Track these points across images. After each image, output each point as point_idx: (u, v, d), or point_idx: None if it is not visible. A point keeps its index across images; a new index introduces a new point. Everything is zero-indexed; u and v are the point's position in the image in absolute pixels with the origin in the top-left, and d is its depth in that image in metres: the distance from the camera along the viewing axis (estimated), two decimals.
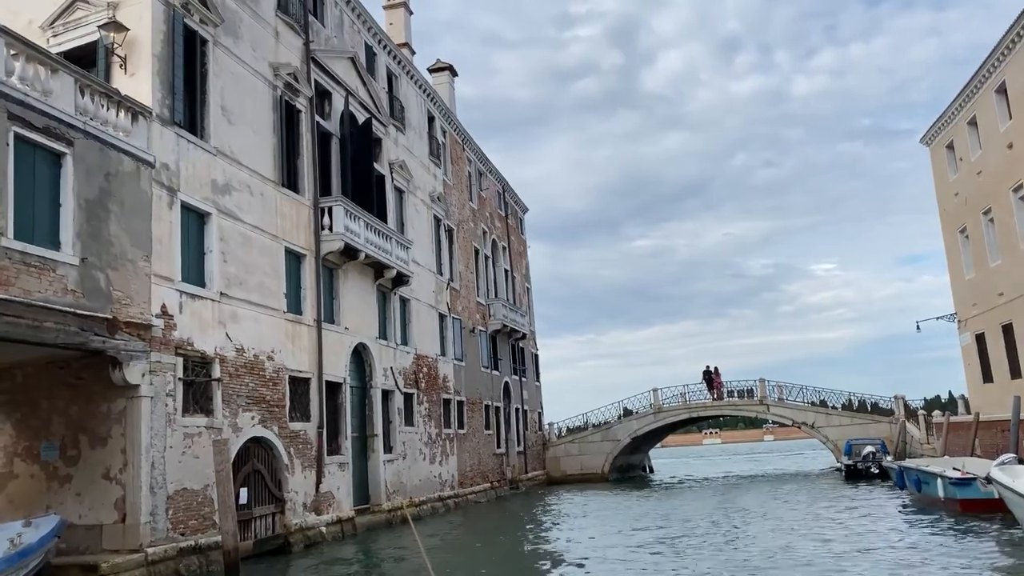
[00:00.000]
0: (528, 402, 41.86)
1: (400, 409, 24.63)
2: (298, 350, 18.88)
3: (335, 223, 20.47)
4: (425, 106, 30.55)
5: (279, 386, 17.91)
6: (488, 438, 33.93)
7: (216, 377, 15.64)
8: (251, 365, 16.93)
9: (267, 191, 18.39)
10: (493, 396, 35.29)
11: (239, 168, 17.36)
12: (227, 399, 15.93)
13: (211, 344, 15.62)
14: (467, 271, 33.59)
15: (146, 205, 14.13)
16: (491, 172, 39.88)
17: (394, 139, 26.76)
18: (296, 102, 20.22)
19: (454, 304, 31.07)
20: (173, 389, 14.33)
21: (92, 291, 12.55)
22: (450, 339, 30.07)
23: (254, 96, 18.35)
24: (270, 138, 18.85)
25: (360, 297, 22.59)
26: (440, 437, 27.90)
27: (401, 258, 24.28)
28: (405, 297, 26.00)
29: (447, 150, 32.91)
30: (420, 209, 28.48)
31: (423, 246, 28.27)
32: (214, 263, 16.07)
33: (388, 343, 24.25)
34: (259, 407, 17.02)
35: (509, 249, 41.58)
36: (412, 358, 26.10)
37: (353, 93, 23.52)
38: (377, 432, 22.87)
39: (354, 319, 21.98)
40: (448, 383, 29.40)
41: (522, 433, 39.81)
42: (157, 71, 15.00)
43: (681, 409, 42.50)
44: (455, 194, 33.14)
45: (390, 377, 24.11)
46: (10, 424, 14.46)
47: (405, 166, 27.00)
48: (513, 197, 44.33)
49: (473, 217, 35.55)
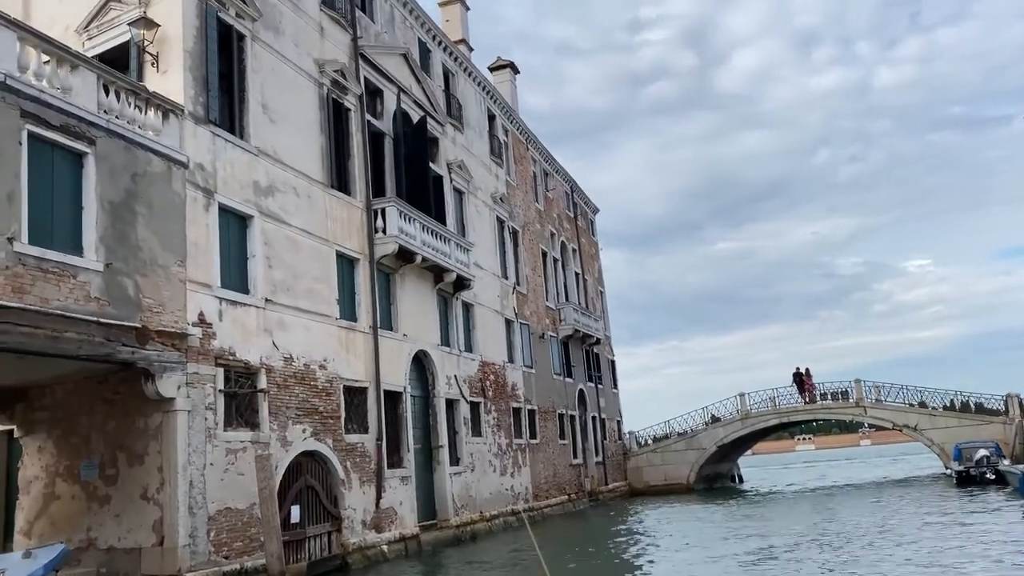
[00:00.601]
0: (606, 410, 40.18)
1: (466, 419, 23.46)
2: (353, 358, 17.90)
3: (389, 225, 19.49)
4: (485, 104, 29.48)
5: (333, 396, 16.95)
6: (563, 448, 32.45)
7: (262, 388, 14.74)
8: (301, 375, 16.01)
9: (315, 193, 17.52)
10: (567, 404, 33.81)
11: (283, 169, 16.53)
12: (275, 411, 15.01)
13: (256, 353, 14.74)
14: (534, 274, 32.29)
15: (179, 207, 13.34)
16: (557, 172, 38.54)
17: (452, 138, 25.73)
18: (344, 100, 19.35)
19: (521, 309, 29.80)
20: (213, 402, 13.46)
21: (119, 298, 11.76)
22: (518, 345, 28.79)
23: (298, 94, 17.53)
24: (317, 138, 18.00)
25: (419, 302, 21.55)
26: (511, 448, 26.60)
27: (461, 261, 23.16)
28: (468, 302, 24.86)
29: (509, 149, 31.75)
30: (481, 211, 27.36)
31: (486, 249, 27.12)
32: (258, 268, 15.22)
33: (451, 350, 23.12)
34: (311, 419, 16.07)
35: (579, 251, 40.11)
36: (477, 365, 24.92)
37: (406, 91, 22.59)
38: (442, 443, 21.74)
39: (413, 325, 20.93)
40: (517, 391, 28.10)
41: (600, 443, 38.17)
42: (189, 67, 14.26)
43: (770, 414, 40.08)
44: (519, 195, 31.92)
45: (454, 385, 22.97)
46: (51, 442, 13.87)
47: (464, 166, 25.94)
48: (582, 197, 42.85)
49: (539, 218, 34.26)
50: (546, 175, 36.87)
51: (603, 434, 39.02)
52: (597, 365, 40.01)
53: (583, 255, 40.92)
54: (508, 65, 34.65)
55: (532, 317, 30.98)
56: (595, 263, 44.27)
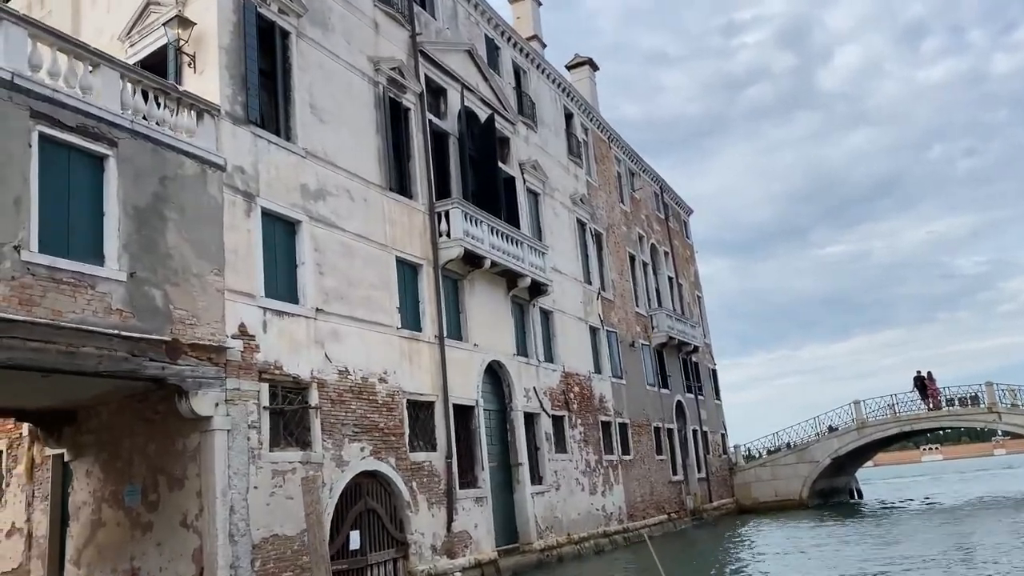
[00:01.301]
0: (708, 423, 37.76)
1: (548, 434, 21.93)
2: (417, 370, 16.73)
3: (453, 228, 18.29)
4: (560, 102, 28.07)
5: (395, 412, 15.79)
6: (661, 464, 30.40)
7: (313, 404, 13.70)
8: (358, 389, 14.92)
9: (371, 196, 16.51)
10: (663, 417, 31.74)
11: (335, 171, 15.58)
12: (328, 429, 13.94)
13: (306, 367, 13.73)
14: (622, 279, 30.51)
15: (215, 212, 12.49)
16: (644, 171, 36.66)
17: (524, 138, 24.43)
18: (403, 99, 18.34)
19: (607, 316, 28.08)
20: (257, 420, 12.47)
21: (145, 310, 10.91)
22: (605, 354, 27.06)
23: (350, 93, 16.61)
24: (372, 138, 17.02)
25: (491, 310, 20.24)
26: (600, 465, 24.87)
27: (536, 265, 21.74)
28: (546, 309, 23.39)
29: (590, 149, 30.19)
30: (559, 212, 25.89)
31: (565, 253, 25.61)
32: (307, 276, 14.25)
33: (528, 360, 21.68)
34: (370, 436, 14.95)
35: (672, 254, 38.00)
36: (559, 376, 23.37)
37: (472, 89, 21.45)
38: (522, 461, 20.27)
39: (485, 335, 19.63)
40: (606, 403, 26.36)
41: (703, 457, 35.80)
42: (225, 64, 13.46)
43: (890, 423, 36.68)
44: (602, 196, 30.28)
45: (533, 398, 21.50)
46: (98, 466, 13.23)
47: (538, 166, 24.57)
48: (674, 198, 40.74)
49: (626, 220, 32.48)
50: (632, 175, 35.08)
51: (706, 448, 36.64)
52: (696, 375, 37.70)
53: (676, 258, 38.78)
54: (586, 62, 33.16)
55: (620, 324, 29.20)
56: (691, 267, 41.99)
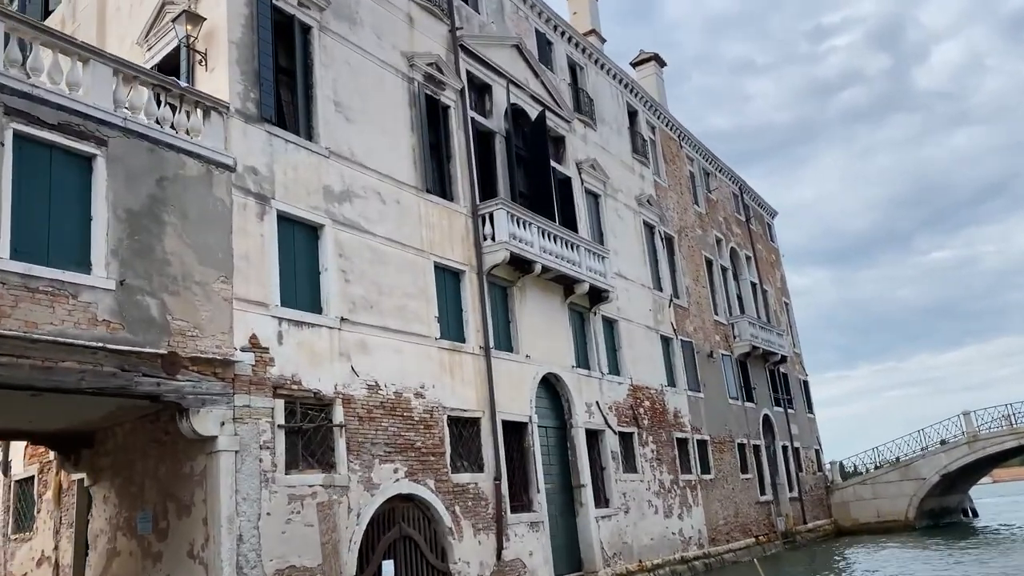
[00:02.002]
0: (799, 438, 35.13)
1: (615, 452, 20.27)
2: (459, 384, 15.47)
3: (497, 231, 17.01)
4: (623, 99, 26.53)
5: (434, 429, 14.55)
6: (746, 483, 28.14)
7: (337, 422, 12.59)
8: (391, 405, 13.75)
9: (405, 198, 15.43)
10: (748, 433, 29.48)
11: (363, 172, 14.57)
12: (355, 449, 12.80)
13: (329, 381, 12.65)
14: (697, 285, 28.57)
15: (223, 215, 11.59)
16: (721, 171, 34.60)
17: (582, 136, 23.01)
18: (441, 96, 17.26)
19: (681, 324, 26.20)
20: (271, 440, 11.43)
21: (137, 321, 10.03)
22: (679, 366, 25.19)
23: (381, 90, 15.62)
24: (406, 137, 15.97)
25: (545, 319, 18.83)
26: (676, 485, 22.98)
27: (595, 270, 20.21)
28: (610, 317, 21.79)
29: (657, 147, 28.49)
30: (623, 214, 24.30)
31: (631, 257, 23.98)
32: (331, 284, 13.21)
33: (590, 373, 20.12)
34: (405, 456, 13.74)
35: (755, 258, 35.70)
36: (626, 390, 21.70)
37: (521, 85, 20.22)
38: (584, 482, 18.69)
39: (538, 345, 18.22)
40: (681, 418, 24.46)
41: (795, 475, 33.22)
42: (236, 60, 12.63)
43: (1006, 435, 33.28)
44: (672, 197, 28.49)
45: (596, 413, 19.91)
46: (114, 491, 12.46)
47: (598, 165, 23.09)
48: (755, 199, 38.43)
49: (700, 223, 30.53)
50: (706, 175, 33.10)
51: (798, 465, 34.03)
52: (785, 387, 35.15)
53: (760, 263, 36.43)
54: (652, 58, 31.53)
55: (697, 334, 27.26)
56: (776, 271, 39.47)
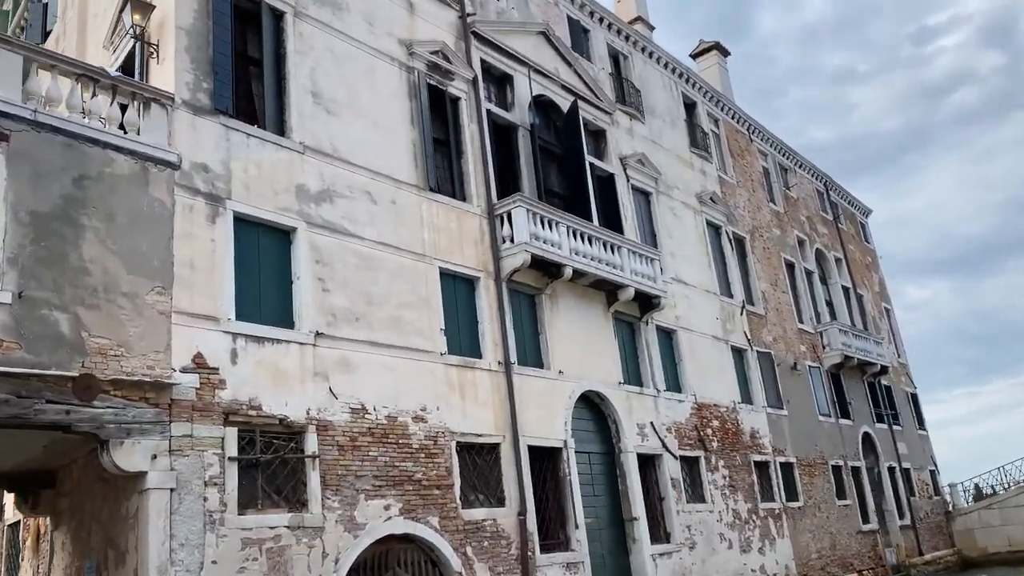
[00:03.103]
0: (908, 458, 31.29)
1: (676, 480, 17.81)
2: (472, 405, 13.55)
3: (516, 231, 15.10)
4: (678, 90, 24.26)
5: (439, 458, 12.65)
6: (844, 511, 24.87)
7: (309, 453, 10.89)
8: (382, 431, 11.97)
9: (402, 198, 13.76)
10: (845, 453, 26.20)
11: (349, 169, 13.00)
12: (333, 483, 11.05)
13: (299, 405, 10.99)
14: (776, 291, 25.72)
15: (161, 218, 10.17)
16: (801, 166, 31.58)
17: (626, 129, 20.89)
18: (449, 87, 15.61)
19: (757, 334, 23.45)
20: (220, 474, 9.82)
21: (40, 339, 8.63)
22: (756, 380, 22.44)
23: (372, 80, 14.08)
24: (405, 132, 14.35)
25: (584, 330, 16.71)
26: (755, 515, 20.20)
27: (643, 274, 17.95)
28: (666, 327, 19.41)
29: (722, 141, 25.98)
30: (681, 213, 21.92)
31: (691, 260, 21.54)
32: (304, 294, 11.62)
33: (643, 390, 17.80)
34: (400, 490, 11.89)
35: (846, 260, 32.33)
36: (689, 408, 19.20)
37: (549, 75, 18.37)
38: (637, 514, 16.34)
39: (575, 360, 16.12)
40: (760, 439, 21.67)
41: (906, 500, 29.48)
42: (186, 47, 11.30)
43: None
44: (742, 194, 25.85)
45: (651, 436, 17.54)
46: (69, 536, 11.14)
47: (647, 161, 20.88)
48: (844, 196, 35.06)
49: (777, 222, 27.68)
50: (784, 171, 30.21)
51: (909, 488, 30.24)
52: (888, 401, 31.46)
53: (853, 265, 33.02)
54: (713, 47, 29.06)
55: (777, 344, 24.41)
56: (873, 275, 35.81)
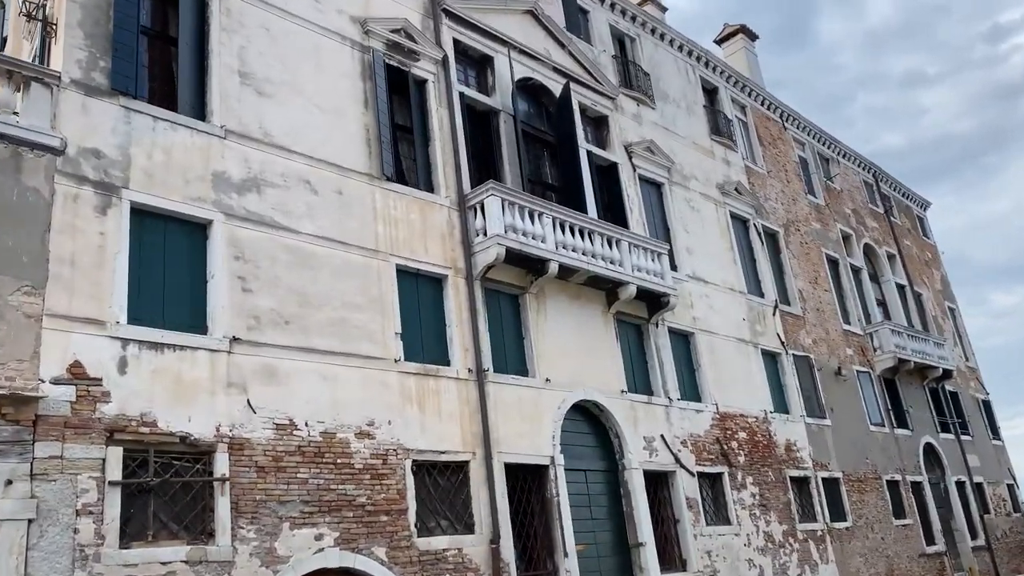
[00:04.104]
0: (981, 471, 28.28)
1: (692, 499, 15.81)
2: (435, 419, 11.94)
3: (489, 222, 13.49)
4: (695, 74, 22.37)
5: (389, 479, 11.06)
6: (904, 531, 22.27)
7: (219, 475, 9.45)
8: (315, 449, 10.46)
9: (350, 188, 12.33)
10: (903, 467, 23.59)
11: (283, 156, 11.64)
12: (248, 510, 9.57)
13: (208, 421, 9.57)
14: (816, 289, 23.41)
15: (36, 209, 8.94)
16: (845, 156, 29.16)
17: (633, 115, 19.12)
18: (413, 68, 14.18)
19: (793, 336, 21.22)
20: (97, 501, 8.44)
21: None
22: (792, 387, 20.20)
23: (317, 60, 12.74)
24: (357, 116, 12.95)
25: (579, 333, 14.95)
26: (793, 537, 17.95)
27: (648, 270, 16.10)
28: (681, 329, 17.46)
29: (749, 129, 23.94)
30: (699, 205, 19.97)
31: (712, 256, 19.54)
32: (220, 294, 10.25)
33: (651, 399, 15.90)
34: (336, 516, 10.34)
35: (900, 256, 29.65)
36: (709, 419, 17.18)
37: (539, 57, 16.80)
38: (644, 539, 14.41)
39: (567, 366, 14.36)
40: (798, 452, 19.41)
41: (978, 517, 26.54)
42: (79, 22, 10.11)
43: None
44: (774, 185, 23.71)
45: (662, 450, 15.60)
46: None
47: (657, 148, 19.05)
48: (896, 187, 32.38)
49: (817, 215, 25.37)
50: (825, 161, 27.87)
51: (982, 505, 27.26)
52: (955, 408, 28.54)
53: (909, 261, 30.29)
54: (739, 31, 27.02)
55: (818, 347, 22.10)
56: (934, 271, 32.89)
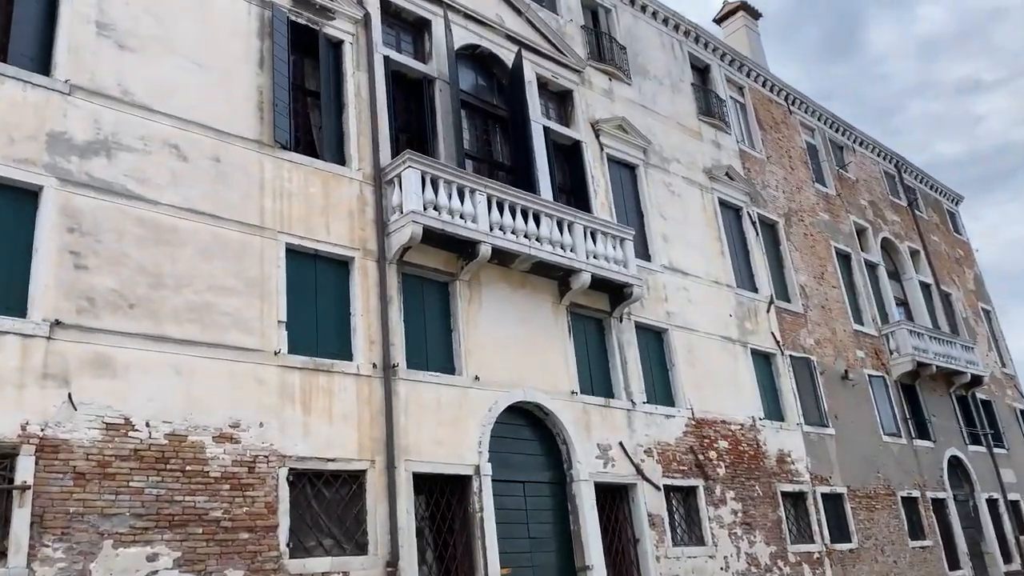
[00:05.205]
0: (1018, 487, 25.67)
1: (657, 516, 13.88)
2: (322, 420, 10.30)
3: (406, 198, 11.83)
4: (683, 50, 20.50)
5: (255, 491, 9.43)
6: (922, 554, 19.93)
7: (18, 483, 7.93)
8: (158, 453, 8.89)
9: (232, 155, 10.79)
10: (922, 482, 21.23)
11: (144, 116, 10.16)
12: (58, 524, 8.01)
13: (10, 418, 8.07)
14: (820, 285, 21.26)
15: None
16: (863, 144, 26.92)
17: (604, 91, 17.35)
18: (326, 27, 12.65)
19: (791, 335, 19.13)
20: None
21: None
22: (787, 391, 18.12)
23: (202, 14, 11.27)
24: (249, 76, 11.43)
25: (522, 325, 13.16)
26: (783, 560, 15.87)
27: (609, 258, 14.27)
28: (652, 325, 15.58)
29: (748, 111, 21.97)
30: (680, 190, 18.06)
31: (694, 245, 17.62)
32: (43, 270, 8.78)
33: (610, 402, 14.03)
34: (178, 534, 8.74)
35: (926, 253, 27.24)
36: (682, 425, 15.23)
37: (490, 23, 15.17)
38: (591, 563, 12.56)
39: (504, 363, 12.60)
40: (792, 464, 17.31)
41: (1013, 539, 23.98)
42: None
43: None
44: (775, 172, 21.67)
45: (621, 460, 13.71)
46: None
47: (630, 127, 17.24)
48: (922, 179, 29.94)
49: (826, 206, 23.23)
50: (839, 149, 25.69)
51: (1018, 525, 24.65)
52: (987, 418, 25.96)
53: (935, 259, 27.85)
54: (739, 7, 25.03)
55: (822, 348, 19.95)
56: (965, 270, 30.29)
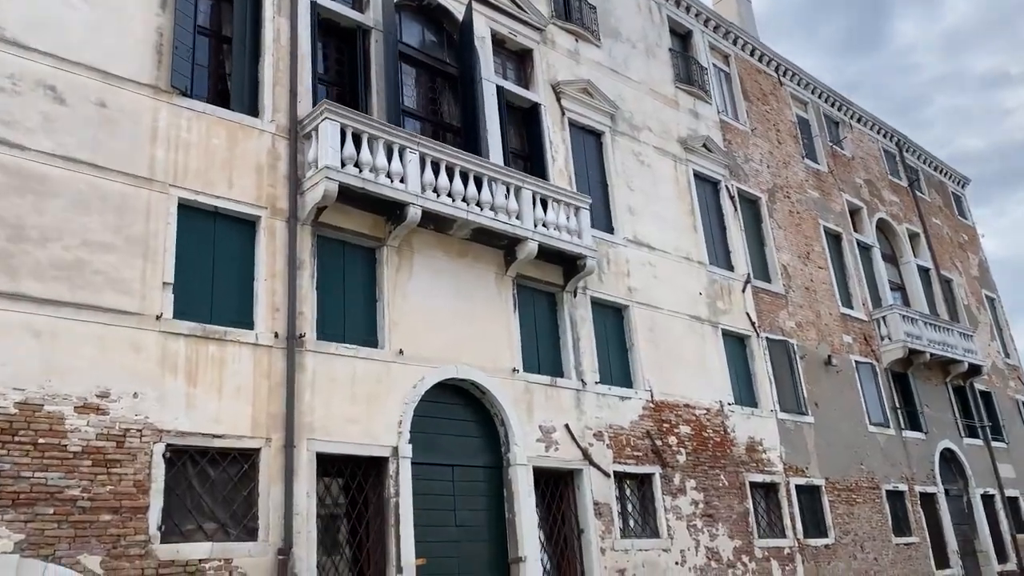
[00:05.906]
0: (1016, 483, 24.45)
1: (604, 505, 12.86)
2: (210, 393, 9.33)
3: (321, 152, 10.78)
4: (661, 13, 19.30)
5: (122, 467, 8.49)
6: (906, 551, 18.81)
7: None
8: (4, 424, 7.97)
9: (121, 101, 9.79)
10: (910, 475, 20.09)
11: (16, 53, 9.17)
12: None
13: None
14: (805, 265, 20.08)
15: None
16: (861, 121, 25.62)
17: (569, 51, 16.22)
18: None
19: (769, 317, 18.00)
20: None
21: None
22: (762, 375, 17.03)
23: None
24: (147, 16, 10.37)
25: (460, 297, 12.13)
26: (748, 556, 14.82)
27: (561, 227, 13.19)
28: (611, 301, 14.52)
29: (733, 81, 20.77)
30: (650, 160, 16.92)
31: (663, 219, 16.51)
32: None
33: (556, 381, 13.00)
34: (24, 514, 7.79)
35: (926, 236, 25.94)
36: (639, 408, 14.17)
37: None
38: (525, 554, 11.58)
39: (435, 336, 11.59)
40: (764, 453, 16.23)
41: (1009, 537, 22.82)
42: None
43: None
44: (760, 145, 20.47)
45: (565, 443, 12.70)
46: None
47: (596, 91, 16.11)
48: (925, 159, 28.58)
49: (816, 183, 22.01)
50: (835, 124, 24.41)
51: (1015, 523, 23.46)
52: (986, 410, 24.72)
53: (936, 242, 26.55)
54: None
55: (803, 331, 18.81)
56: (969, 255, 28.93)
